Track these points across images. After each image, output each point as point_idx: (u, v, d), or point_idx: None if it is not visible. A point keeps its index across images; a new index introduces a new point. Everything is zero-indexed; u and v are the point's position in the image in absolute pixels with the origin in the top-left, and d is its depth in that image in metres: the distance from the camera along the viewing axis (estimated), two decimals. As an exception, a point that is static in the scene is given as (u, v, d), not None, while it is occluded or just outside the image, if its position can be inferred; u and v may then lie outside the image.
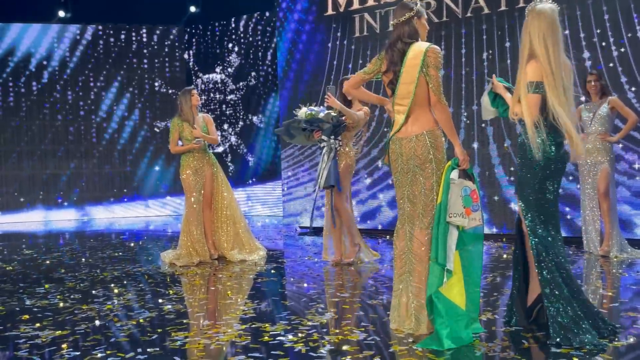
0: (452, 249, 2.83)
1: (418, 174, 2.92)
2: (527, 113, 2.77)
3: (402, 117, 2.94)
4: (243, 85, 10.26)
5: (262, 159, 10.13)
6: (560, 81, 2.77)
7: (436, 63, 2.86)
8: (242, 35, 10.23)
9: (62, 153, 10.46)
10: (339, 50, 7.52)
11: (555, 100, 2.75)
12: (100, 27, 10.53)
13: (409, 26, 2.94)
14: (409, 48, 2.92)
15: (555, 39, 2.79)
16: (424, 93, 2.90)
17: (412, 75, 2.88)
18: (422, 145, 2.90)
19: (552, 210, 2.88)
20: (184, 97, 5.46)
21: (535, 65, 2.78)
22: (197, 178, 5.45)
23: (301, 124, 4.99)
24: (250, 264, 5.32)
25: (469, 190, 2.87)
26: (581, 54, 5.82)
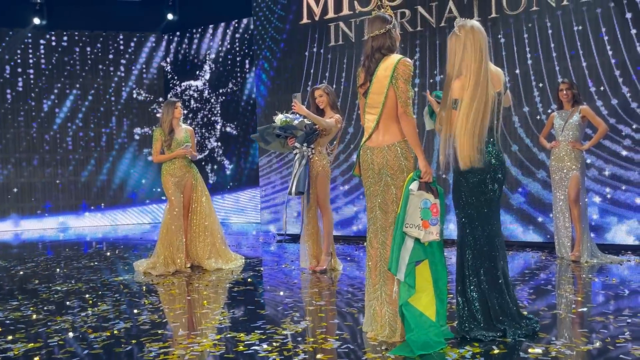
0: (404, 260, 2.83)
1: (390, 184, 2.96)
2: (447, 128, 2.94)
3: (371, 126, 2.98)
4: (221, 93, 10.24)
5: (240, 166, 10.11)
6: (482, 98, 2.88)
7: (406, 75, 2.91)
8: (220, 42, 10.22)
9: (37, 161, 10.30)
10: (315, 58, 7.55)
11: (463, 117, 2.88)
12: (76, 34, 10.42)
13: (389, 38, 2.99)
14: (383, 59, 2.96)
15: (478, 54, 2.89)
16: (394, 104, 2.94)
17: (382, 86, 2.93)
18: (394, 155, 2.94)
19: (484, 216, 2.98)
20: (166, 109, 5.47)
21: (458, 84, 2.91)
22: (178, 187, 5.44)
23: (275, 130, 5.02)
24: (226, 272, 5.30)
25: (429, 204, 2.88)
26: (552, 63, 5.95)
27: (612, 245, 5.66)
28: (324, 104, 5.09)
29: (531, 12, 6.08)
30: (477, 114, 2.89)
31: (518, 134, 6.16)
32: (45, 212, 10.34)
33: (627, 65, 5.58)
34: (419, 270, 2.89)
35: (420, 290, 2.89)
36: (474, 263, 2.98)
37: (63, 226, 10.36)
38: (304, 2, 7.61)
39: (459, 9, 6.48)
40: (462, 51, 2.90)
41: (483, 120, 2.91)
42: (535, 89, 6.07)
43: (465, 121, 2.88)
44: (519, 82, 6.14)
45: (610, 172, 5.67)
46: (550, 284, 4.43)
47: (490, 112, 2.92)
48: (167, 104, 5.51)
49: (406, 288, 2.84)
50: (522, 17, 6.12)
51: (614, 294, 3.93)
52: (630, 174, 5.58)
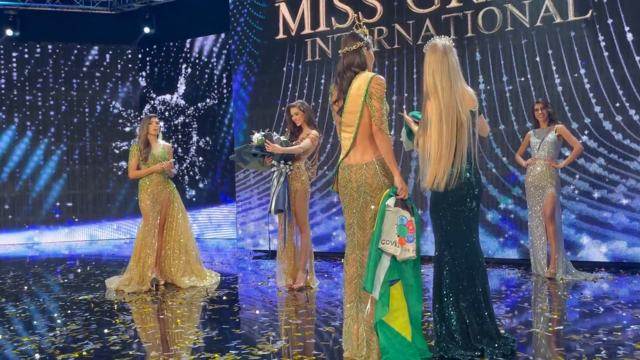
0: (380, 278, 2.81)
1: (369, 201, 2.95)
2: (420, 146, 3.01)
3: (348, 144, 2.99)
4: (198, 108, 10.18)
5: (216, 182, 10.03)
6: (449, 117, 2.92)
7: (379, 94, 2.91)
8: (197, 57, 10.18)
9: (6, 175, 10.06)
10: (293, 74, 7.56)
11: (435, 139, 2.93)
12: (49, 46, 10.28)
13: (359, 55, 3.00)
14: (355, 77, 2.97)
15: (447, 74, 2.94)
16: (369, 122, 2.94)
17: (356, 104, 2.94)
18: (373, 173, 2.94)
19: (462, 233, 3.00)
20: (142, 123, 5.44)
21: (430, 104, 2.97)
22: (154, 203, 5.36)
23: (252, 150, 4.99)
24: (201, 290, 5.23)
25: (405, 220, 2.88)
26: (527, 81, 6.06)
27: (586, 262, 5.72)
28: (300, 121, 5.09)
29: (506, 32, 6.19)
30: (450, 136, 2.90)
31: (494, 151, 6.23)
32: (13, 227, 10.08)
33: (600, 86, 5.70)
34: (394, 289, 2.86)
35: (395, 309, 2.86)
36: (452, 282, 2.97)
37: (33, 241, 10.10)
38: (279, 17, 7.63)
39: (436, 27, 6.57)
40: (431, 70, 2.93)
41: (459, 143, 2.92)
42: (510, 107, 6.16)
43: (438, 144, 2.90)
44: (494, 100, 6.22)
45: (584, 189, 5.76)
46: (526, 301, 4.45)
47: (466, 133, 2.94)
48: (144, 119, 5.48)
49: (380, 306, 2.81)
50: (497, 36, 6.23)
51: (589, 312, 3.96)
52: (604, 192, 5.68)
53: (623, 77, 5.59)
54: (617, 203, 5.62)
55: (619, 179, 5.62)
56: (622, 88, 5.60)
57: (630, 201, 5.56)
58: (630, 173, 5.57)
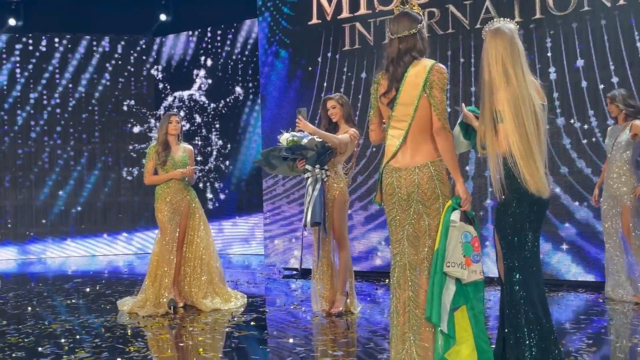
0: (446, 308, 2.76)
1: (422, 212, 2.87)
2: (496, 145, 2.84)
3: (397, 143, 2.91)
4: (220, 105, 10.23)
5: (241, 189, 10.05)
6: (527, 110, 2.82)
7: (441, 83, 2.87)
8: (219, 47, 10.25)
9: (9, 182, 10.30)
10: (329, 65, 7.51)
11: (512, 133, 2.80)
12: (56, 39, 10.50)
13: (421, 39, 2.97)
14: (412, 64, 2.92)
15: (518, 62, 2.86)
16: (425, 117, 2.88)
17: (413, 95, 2.88)
18: (428, 179, 2.86)
19: (530, 256, 2.87)
20: (161, 123, 5.52)
21: (505, 93, 2.84)
22: (173, 214, 5.38)
23: (281, 152, 4.94)
24: (225, 313, 5.22)
25: (470, 237, 2.83)
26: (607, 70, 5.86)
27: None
28: (337, 117, 5.03)
29: (582, 13, 6.01)
30: (536, 129, 2.82)
31: (568, 153, 6.04)
32: (16, 239, 10.30)
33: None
34: (458, 316, 2.77)
35: (460, 341, 2.77)
36: (529, 312, 2.84)
37: (36, 255, 10.30)
38: (313, 0, 7.60)
39: (498, 8, 6.44)
40: (499, 57, 2.85)
41: (539, 139, 2.82)
42: (587, 101, 5.97)
43: (519, 141, 2.79)
44: (568, 94, 6.04)
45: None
46: (606, 331, 4.27)
47: (543, 130, 2.86)
48: (163, 118, 5.55)
49: (446, 340, 2.72)
50: (571, 18, 6.05)
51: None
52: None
53: None
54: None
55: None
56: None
57: None
58: None
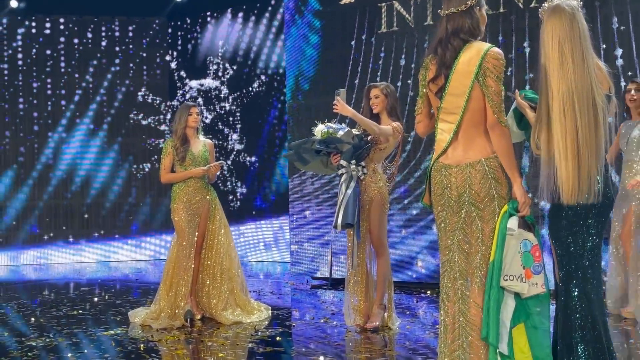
0: (506, 326, 2.75)
1: (474, 215, 2.86)
2: (550, 142, 2.81)
3: (447, 137, 2.91)
4: (241, 94, 10.29)
5: (265, 189, 10.10)
6: (582, 101, 2.78)
7: (498, 72, 2.84)
8: (240, 30, 10.31)
9: (9, 178, 10.50)
10: (364, 49, 7.50)
11: (557, 130, 2.78)
12: (61, 20, 10.68)
13: (471, 17, 2.92)
14: (464, 48, 2.89)
15: (578, 44, 2.81)
16: (479, 109, 2.87)
17: (464, 84, 2.86)
18: (481, 177, 2.85)
19: (589, 265, 2.85)
20: (179, 114, 5.56)
21: (563, 82, 2.80)
22: (192, 216, 5.45)
23: (315, 145, 4.96)
24: (248, 327, 5.25)
25: (529, 246, 2.80)
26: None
27: None
28: (379, 108, 5.03)
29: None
30: (587, 127, 2.78)
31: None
32: (18, 242, 10.50)
33: None
34: (516, 334, 2.76)
35: None
36: (586, 334, 2.81)
37: (41, 261, 10.49)
38: (346, -23, 7.62)
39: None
40: (557, 39, 2.82)
41: (594, 137, 2.78)
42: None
43: (563, 138, 2.77)
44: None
45: None
46: None
47: (603, 125, 2.82)
48: (181, 109, 5.59)
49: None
50: (641, -6, 5.95)
51: None
52: None
53: None
54: None
55: None
56: None
57: None
58: None
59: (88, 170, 10.68)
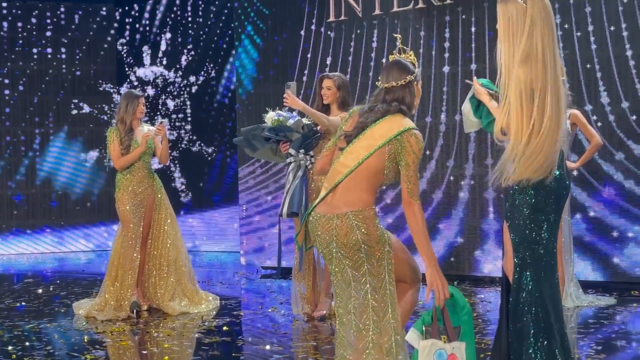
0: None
1: (345, 264, 2.86)
2: (519, 129, 2.78)
3: (333, 183, 2.89)
4: (191, 83, 10.19)
5: (214, 178, 10.03)
6: (555, 92, 2.80)
7: (417, 150, 2.85)
8: (190, 18, 10.19)
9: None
10: (314, 39, 7.50)
11: (556, 114, 2.78)
12: (3, 4, 10.37)
13: (409, 91, 2.98)
14: (388, 118, 2.92)
15: (552, 35, 2.83)
16: (375, 169, 2.87)
17: (373, 143, 2.87)
18: (348, 229, 2.83)
19: (544, 252, 2.86)
20: (126, 103, 5.46)
21: (533, 68, 2.79)
22: (137, 206, 5.38)
23: (264, 132, 4.97)
24: (195, 317, 5.22)
25: (444, 356, 2.69)
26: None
27: None
28: (329, 99, 5.04)
29: None
30: (560, 113, 2.81)
31: (576, 140, 6.09)
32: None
33: None
34: None
35: None
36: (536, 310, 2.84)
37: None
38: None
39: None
40: (529, 26, 2.80)
41: (558, 124, 2.82)
42: (605, 81, 6.00)
43: (547, 127, 2.76)
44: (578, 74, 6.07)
45: None
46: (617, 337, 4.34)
47: (564, 111, 2.85)
48: (128, 97, 5.50)
49: None
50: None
51: None
52: None
53: None
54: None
55: None
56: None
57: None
58: None
59: (33, 158, 10.44)
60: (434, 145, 6.74)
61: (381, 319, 2.82)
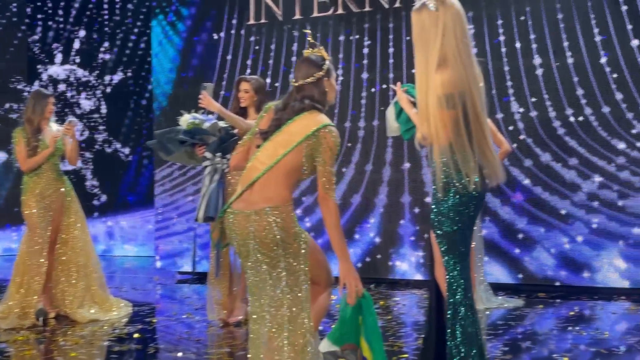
0: None
1: (261, 261, 2.86)
2: (440, 135, 2.84)
3: (250, 180, 2.89)
4: (106, 82, 9.94)
5: (128, 180, 9.82)
6: (479, 93, 2.88)
7: (333, 146, 2.86)
8: (107, 16, 9.94)
9: None
10: (234, 41, 7.45)
11: (476, 118, 2.86)
12: None
13: (318, 88, 2.96)
14: (304, 114, 2.93)
15: (467, 38, 2.91)
16: (292, 166, 2.88)
17: (291, 140, 2.87)
18: (265, 225, 2.83)
19: (466, 251, 2.96)
20: (34, 103, 5.27)
21: (450, 73, 2.85)
22: (45, 210, 5.21)
23: (179, 135, 4.90)
24: (105, 325, 5.10)
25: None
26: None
27: (604, 287, 5.84)
28: (246, 102, 5.03)
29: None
30: (483, 118, 2.88)
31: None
32: None
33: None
34: None
35: None
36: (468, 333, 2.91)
37: None
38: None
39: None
40: (442, 33, 2.86)
41: (483, 126, 2.89)
42: (515, 90, 6.22)
43: (473, 131, 2.84)
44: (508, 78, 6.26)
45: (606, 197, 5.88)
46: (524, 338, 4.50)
47: (485, 114, 2.93)
48: (36, 97, 5.33)
49: None
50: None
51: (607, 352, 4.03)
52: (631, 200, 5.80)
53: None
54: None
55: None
56: None
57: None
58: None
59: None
60: (352, 150, 6.82)
61: (296, 318, 2.82)
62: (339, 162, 6.76)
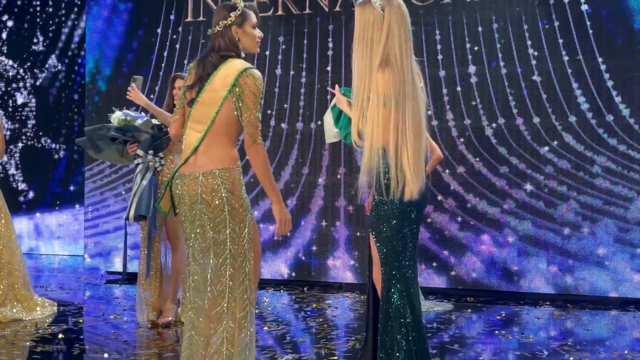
0: None
1: (207, 225, 2.87)
2: (376, 134, 2.83)
3: (192, 146, 2.91)
4: (36, 76, 9.66)
5: (57, 178, 9.56)
6: (418, 100, 2.89)
7: (255, 90, 2.86)
8: (39, 7, 9.66)
9: None
10: (170, 38, 7.35)
11: (412, 122, 2.85)
12: None
13: (224, 37, 2.96)
14: (222, 64, 2.92)
15: (409, 39, 2.93)
16: (227, 122, 2.89)
17: (217, 97, 2.88)
18: (213, 187, 2.85)
19: (410, 263, 2.94)
20: None
21: (389, 76, 2.85)
22: None
23: (111, 132, 4.82)
24: (28, 324, 4.94)
25: None
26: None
27: (530, 293, 6.01)
28: (180, 99, 4.95)
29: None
30: (420, 121, 2.86)
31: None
32: None
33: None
34: None
35: None
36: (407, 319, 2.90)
37: None
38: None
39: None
40: (387, 33, 2.86)
41: (423, 131, 2.88)
42: (450, 97, 6.34)
43: (410, 133, 2.82)
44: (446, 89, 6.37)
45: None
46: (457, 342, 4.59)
47: (425, 115, 2.93)
48: None
49: None
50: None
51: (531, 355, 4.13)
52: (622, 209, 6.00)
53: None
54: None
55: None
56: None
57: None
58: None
59: None
60: (289, 152, 6.82)
61: (237, 287, 2.84)
62: (275, 164, 6.76)
